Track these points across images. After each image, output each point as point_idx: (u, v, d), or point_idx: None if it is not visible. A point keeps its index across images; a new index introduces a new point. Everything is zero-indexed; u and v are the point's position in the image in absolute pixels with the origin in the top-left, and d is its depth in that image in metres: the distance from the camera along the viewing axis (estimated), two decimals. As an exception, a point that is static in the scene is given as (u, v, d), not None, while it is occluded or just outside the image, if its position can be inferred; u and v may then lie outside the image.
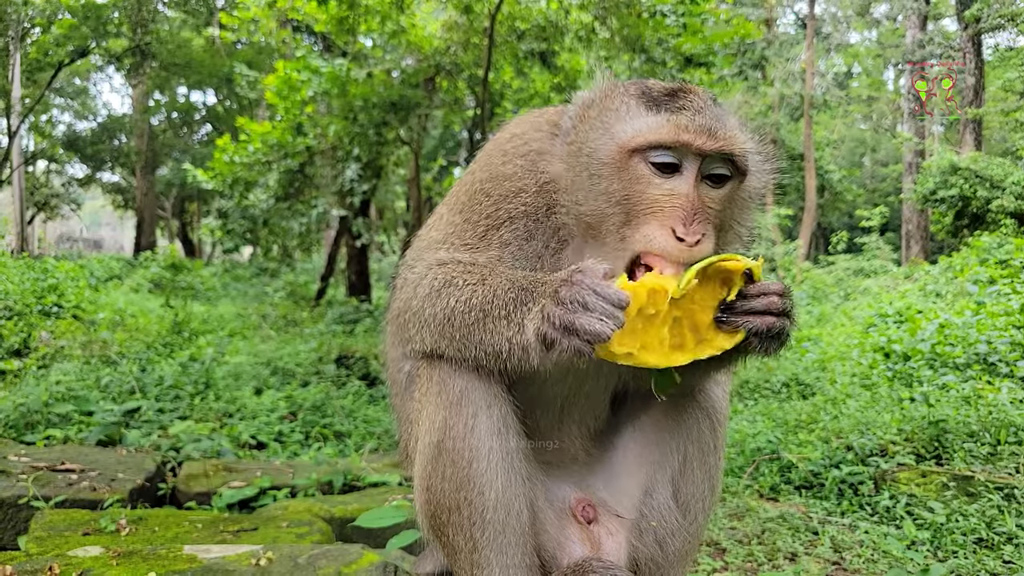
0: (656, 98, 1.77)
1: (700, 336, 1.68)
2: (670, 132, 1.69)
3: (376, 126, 13.91)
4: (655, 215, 1.70)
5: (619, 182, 1.73)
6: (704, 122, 1.71)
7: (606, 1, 12.47)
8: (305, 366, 10.07)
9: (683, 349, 1.66)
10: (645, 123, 1.73)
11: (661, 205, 1.70)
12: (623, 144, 1.73)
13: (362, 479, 4.88)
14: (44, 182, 35.15)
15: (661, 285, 1.61)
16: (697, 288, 1.65)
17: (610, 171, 1.74)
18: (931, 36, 25.81)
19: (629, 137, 1.73)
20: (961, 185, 17.70)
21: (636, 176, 1.72)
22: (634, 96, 1.80)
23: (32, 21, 21.71)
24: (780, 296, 1.71)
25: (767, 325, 1.69)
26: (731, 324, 1.69)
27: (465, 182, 2.09)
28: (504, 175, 1.96)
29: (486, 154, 2.10)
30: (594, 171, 1.77)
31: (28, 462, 4.44)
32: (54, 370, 8.05)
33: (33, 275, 13.77)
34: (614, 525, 2.04)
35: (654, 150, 1.71)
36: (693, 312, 1.67)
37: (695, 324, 1.68)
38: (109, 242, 55.68)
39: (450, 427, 1.80)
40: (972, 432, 5.03)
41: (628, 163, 1.73)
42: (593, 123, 1.82)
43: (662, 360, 1.64)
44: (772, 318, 1.69)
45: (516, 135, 2.06)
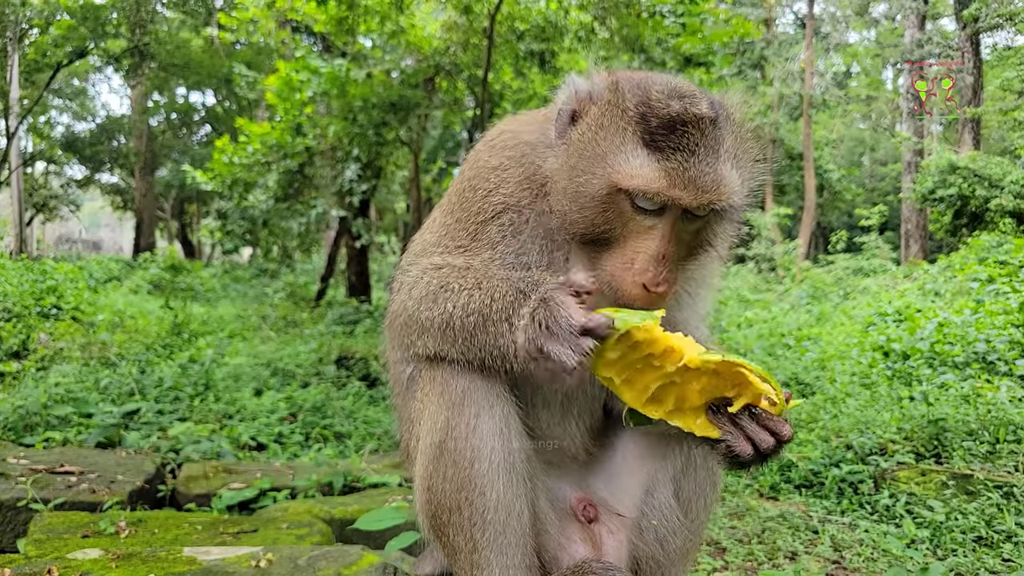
0: (654, 133, 1.69)
1: (680, 407, 1.64)
2: (660, 185, 1.66)
3: (375, 126, 13.91)
4: (627, 257, 1.72)
5: (602, 212, 1.73)
6: (694, 174, 1.67)
7: (605, 1, 12.47)
8: (305, 367, 10.06)
9: (658, 405, 1.63)
10: (639, 165, 1.68)
11: (636, 245, 1.72)
12: (613, 181, 1.70)
13: (362, 480, 4.88)
14: (43, 183, 35.13)
15: (681, 348, 1.58)
16: (710, 375, 1.61)
17: (596, 200, 1.73)
18: (929, 35, 25.82)
19: (621, 176, 1.69)
20: (960, 184, 17.71)
21: (619, 209, 1.73)
22: (634, 121, 1.72)
23: (30, 22, 21.71)
24: (777, 441, 1.64)
25: (744, 452, 1.62)
26: (715, 423, 1.63)
27: (455, 182, 2.11)
28: (489, 167, 1.97)
29: (475, 152, 2.10)
30: (581, 193, 1.75)
31: (27, 464, 4.44)
32: (53, 372, 8.04)
33: (32, 277, 13.76)
34: (615, 524, 2.04)
35: (640, 197, 1.70)
36: (689, 389, 1.62)
37: (683, 396, 1.63)
38: (108, 243, 55.67)
39: (452, 427, 1.80)
40: (971, 431, 5.03)
41: (615, 198, 1.72)
42: (588, 139, 1.78)
43: (634, 402, 1.63)
44: (751, 450, 1.62)
45: (505, 131, 2.06)
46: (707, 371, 1.60)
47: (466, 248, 1.93)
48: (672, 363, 1.59)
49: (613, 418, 2.14)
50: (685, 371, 1.60)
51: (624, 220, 1.73)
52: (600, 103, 1.81)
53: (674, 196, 1.67)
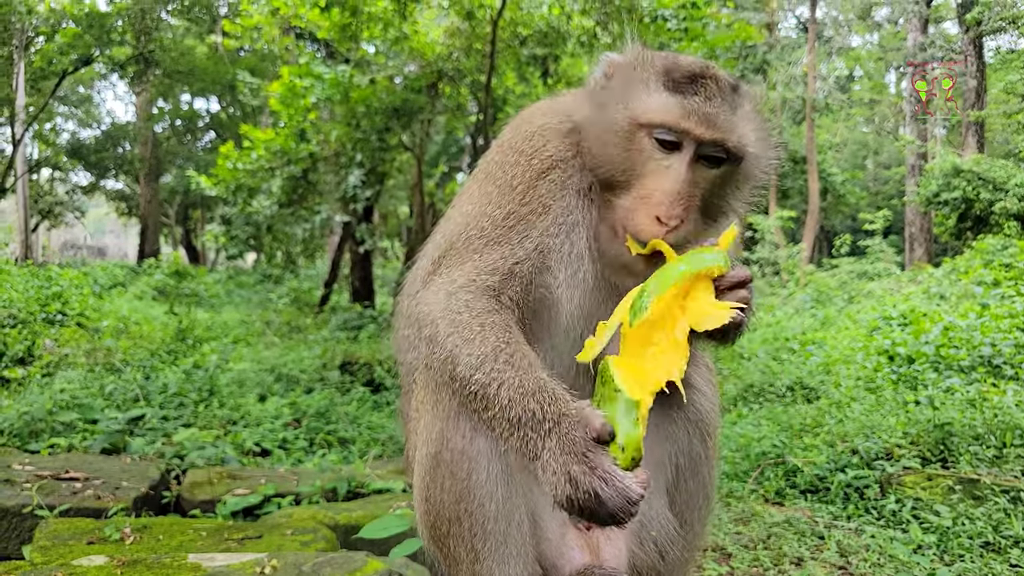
0: (676, 80, 1.84)
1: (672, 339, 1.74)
2: (675, 116, 1.79)
3: (379, 132, 13.95)
4: (645, 193, 1.81)
5: (625, 151, 1.83)
6: (709, 111, 1.80)
7: (608, 6, 12.50)
8: (309, 372, 10.07)
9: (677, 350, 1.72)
10: (657, 102, 1.82)
11: (655, 182, 1.80)
12: (633, 117, 1.82)
13: (366, 486, 4.87)
14: (48, 190, 35.27)
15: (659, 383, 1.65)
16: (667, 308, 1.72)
17: (619, 139, 1.84)
18: (932, 39, 25.81)
19: (640, 112, 1.82)
20: (964, 187, 17.67)
21: (640, 148, 1.82)
22: (658, 71, 1.87)
23: (36, 30, 21.84)
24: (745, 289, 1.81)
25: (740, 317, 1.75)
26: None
27: (492, 156, 2.11)
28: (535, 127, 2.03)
29: (512, 126, 2.16)
30: (607, 135, 1.86)
31: (32, 471, 4.45)
32: (58, 378, 8.06)
33: (37, 283, 13.80)
34: (613, 531, 2.04)
35: (658, 128, 1.80)
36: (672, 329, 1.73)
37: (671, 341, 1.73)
38: (113, 249, 55.84)
39: (447, 439, 1.79)
40: (978, 435, 5.01)
41: (635, 135, 1.82)
42: (615, 89, 1.90)
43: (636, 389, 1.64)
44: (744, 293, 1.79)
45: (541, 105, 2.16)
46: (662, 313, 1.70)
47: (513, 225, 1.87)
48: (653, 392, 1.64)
49: None
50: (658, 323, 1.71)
51: (644, 158, 1.82)
52: (628, 65, 1.94)
53: (687, 127, 1.79)
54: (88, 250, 49.38)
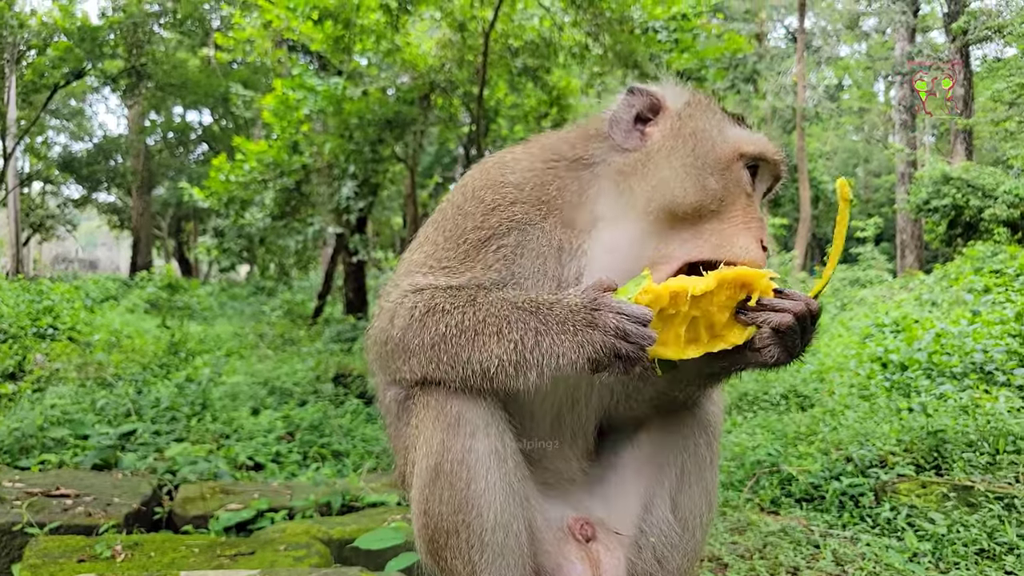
0: (739, 119, 2.01)
1: (714, 333, 1.75)
2: (771, 148, 1.96)
3: (372, 143, 13.97)
4: (740, 224, 1.85)
5: (721, 179, 1.87)
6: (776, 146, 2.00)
7: (599, 18, 12.58)
8: (303, 385, 10.02)
9: (697, 343, 1.74)
10: (752, 136, 1.95)
11: (744, 215, 1.86)
12: (736, 147, 1.90)
13: (361, 499, 4.85)
14: (40, 203, 35.19)
15: (683, 287, 1.69)
16: (717, 290, 1.72)
17: (718, 167, 1.88)
18: (920, 48, 26.07)
19: (741, 142, 1.91)
20: (954, 195, 17.81)
21: (735, 178, 1.89)
22: (720, 111, 2.00)
23: (28, 43, 21.84)
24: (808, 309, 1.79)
25: (783, 323, 1.74)
26: (748, 319, 1.75)
27: (453, 197, 2.07)
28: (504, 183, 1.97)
29: (481, 168, 2.10)
30: (702, 163, 1.88)
31: (23, 487, 4.41)
32: (49, 393, 8.00)
33: (28, 297, 13.74)
34: (612, 542, 2.04)
35: (758, 160, 1.93)
36: (711, 313, 1.73)
37: (711, 323, 1.74)
38: (105, 262, 55.63)
39: (447, 449, 1.79)
40: (971, 442, 5.02)
41: (734, 165, 1.89)
42: (698, 122, 1.94)
43: (676, 353, 1.72)
44: (789, 318, 1.75)
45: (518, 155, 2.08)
46: (714, 291, 1.70)
47: (452, 269, 1.90)
48: (683, 303, 1.69)
49: (608, 438, 2.14)
50: (698, 301, 1.70)
51: (734, 189, 1.88)
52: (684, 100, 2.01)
53: (778, 160, 1.99)
54: (80, 263, 49.21)
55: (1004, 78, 17.66)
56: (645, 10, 12.63)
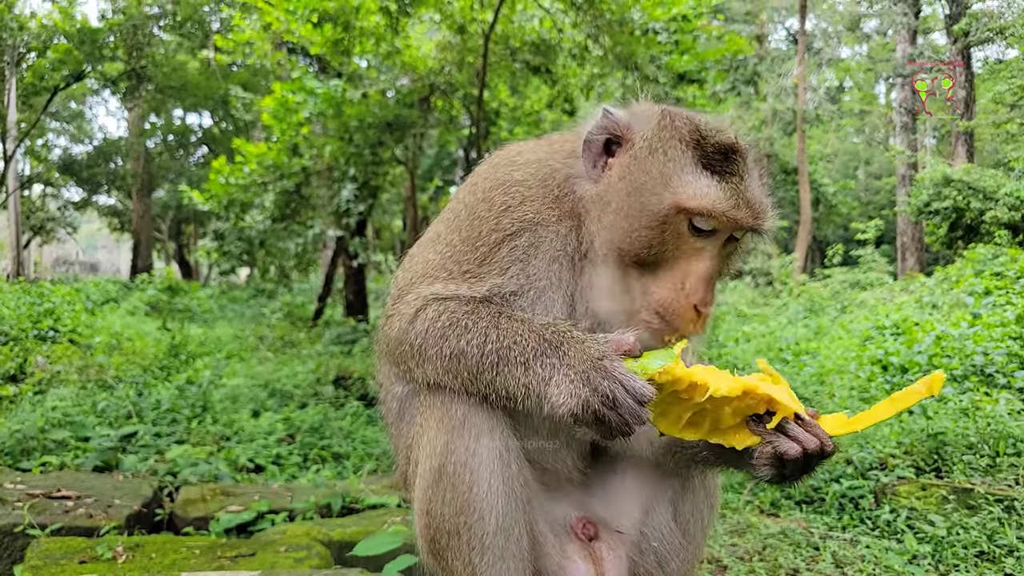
0: (711, 157, 1.76)
1: (717, 427, 1.69)
2: (725, 205, 1.72)
3: (372, 146, 13.98)
4: (677, 279, 1.73)
5: (659, 233, 1.74)
6: (750, 197, 1.76)
7: (599, 19, 12.59)
8: (303, 387, 10.02)
9: (696, 429, 1.68)
10: (702, 186, 1.73)
11: (687, 267, 1.74)
12: (676, 202, 1.72)
13: (361, 501, 4.85)
14: (40, 206, 35.21)
15: (707, 383, 1.61)
16: (740, 397, 1.65)
17: (655, 220, 1.74)
18: (921, 50, 26.08)
19: (684, 196, 1.72)
20: (955, 197, 17.81)
21: (676, 231, 1.74)
22: (689, 146, 1.77)
23: (28, 45, 21.87)
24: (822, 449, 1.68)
25: (789, 453, 1.65)
26: (757, 431, 1.67)
27: (464, 195, 2.04)
28: (512, 181, 1.94)
29: (490, 165, 2.07)
30: (639, 213, 1.76)
31: (24, 489, 4.41)
32: (50, 395, 8.00)
33: (29, 299, 13.75)
34: (615, 541, 2.05)
35: (701, 216, 1.73)
36: (722, 413, 1.66)
37: (717, 419, 1.68)
38: (105, 265, 55.66)
39: (451, 451, 1.80)
40: (971, 444, 5.02)
41: (675, 218, 1.73)
42: (646, 163, 1.79)
43: (671, 431, 1.67)
44: (798, 448, 1.65)
45: (525, 150, 2.06)
46: (734, 398, 1.63)
47: (472, 274, 1.88)
48: (700, 395, 1.62)
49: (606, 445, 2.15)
50: (715, 401, 1.63)
51: (677, 242, 1.74)
52: (647, 130, 1.83)
53: (736, 217, 1.73)
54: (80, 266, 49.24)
55: (1005, 80, 17.68)
56: (645, 11, 12.64)
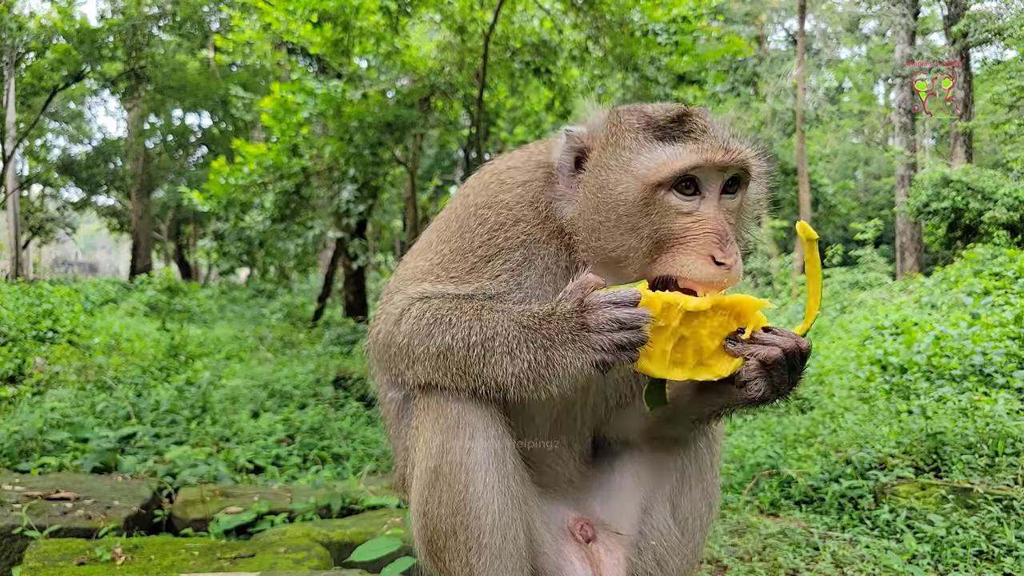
0: (664, 127, 1.78)
1: (701, 359, 1.70)
2: (690, 158, 1.72)
3: (371, 146, 13.98)
4: (689, 243, 1.73)
5: (646, 217, 1.75)
6: (717, 139, 1.76)
7: (599, 20, 12.60)
8: (303, 388, 10.02)
9: (682, 366, 1.69)
10: (663, 155, 1.74)
11: (693, 232, 1.73)
12: (646, 180, 1.73)
13: (361, 502, 4.85)
14: (39, 206, 35.21)
15: (676, 299, 1.66)
16: (710, 314, 1.68)
17: (636, 208, 1.75)
18: (920, 51, 26.11)
19: (651, 171, 1.73)
20: (953, 197, 17.83)
21: (663, 208, 1.74)
22: (641, 129, 1.79)
23: (27, 46, 21.86)
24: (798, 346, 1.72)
25: (771, 356, 1.68)
26: (736, 349, 1.70)
27: (456, 208, 2.06)
28: (502, 202, 1.95)
29: (480, 182, 2.08)
30: (618, 210, 1.77)
31: (22, 491, 4.41)
32: (49, 396, 8.00)
33: (28, 300, 13.74)
34: (612, 542, 2.04)
35: (677, 178, 1.73)
36: (700, 337, 1.69)
37: (699, 347, 1.70)
38: (104, 265, 55.66)
39: (447, 451, 1.80)
40: (970, 444, 5.02)
41: (653, 197, 1.74)
42: (606, 162, 1.81)
43: (659, 370, 1.68)
44: (777, 351, 1.69)
45: (512, 167, 2.06)
46: (708, 313, 1.67)
47: (460, 279, 1.90)
48: (675, 316, 1.65)
49: (605, 443, 2.14)
50: (690, 320, 1.66)
51: (670, 217, 1.74)
52: (602, 132, 1.85)
53: (706, 159, 1.72)
54: (79, 266, 49.23)
55: (1004, 81, 17.69)
56: (645, 12, 12.65)
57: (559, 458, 2.06)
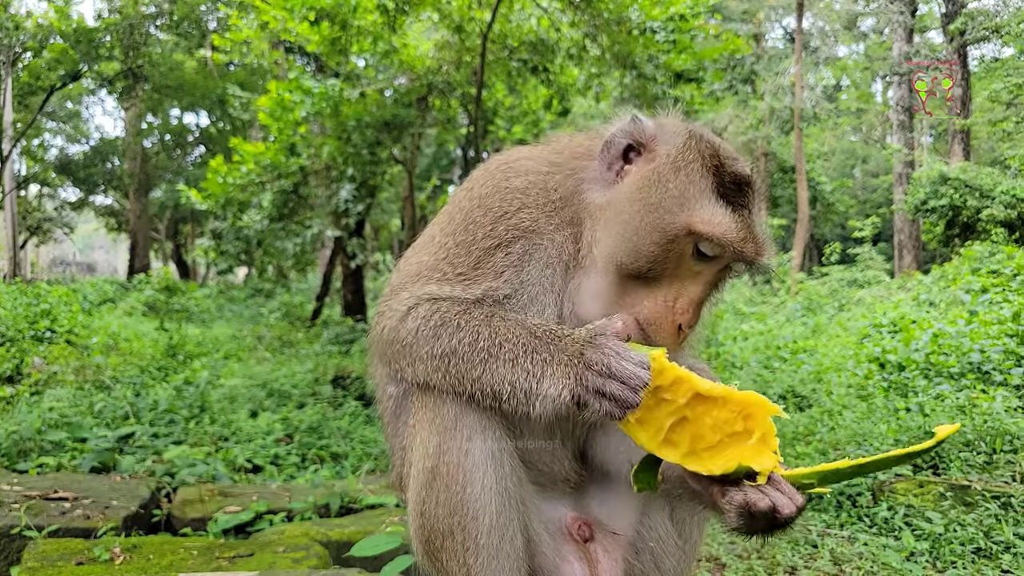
0: (727, 186, 1.79)
1: (694, 449, 1.62)
2: (735, 236, 1.75)
3: (370, 145, 13.97)
4: (670, 297, 1.76)
5: (664, 250, 1.75)
6: (758, 232, 1.80)
7: (596, 19, 12.60)
8: (301, 387, 10.02)
9: (674, 448, 1.61)
10: (717, 214, 1.75)
11: (681, 287, 1.77)
12: (690, 224, 1.74)
13: (359, 501, 4.85)
14: (36, 206, 35.16)
15: (689, 377, 1.60)
16: (719, 404, 1.60)
17: (663, 237, 1.75)
18: (917, 48, 26.12)
19: (700, 221, 1.74)
20: (951, 195, 17.87)
21: (680, 252, 1.76)
22: (709, 171, 1.79)
23: (23, 45, 21.82)
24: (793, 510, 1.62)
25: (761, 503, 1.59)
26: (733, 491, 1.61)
27: (460, 200, 2.03)
28: (510, 188, 1.94)
29: (487, 171, 2.05)
30: (648, 226, 1.77)
31: (21, 491, 4.40)
32: (47, 396, 7.98)
33: (26, 300, 13.71)
34: (610, 542, 2.04)
35: (709, 242, 1.75)
36: (702, 424, 1.61)
37: (698, 435, 1.61)
38: (103, 265, 55.61)
39: (444, 452, 1.79)
40: (968, 441, 5.03)
41: (683, 239, 1.75)
42: (664, 175, 1.80)
43: (649, 443, 1.60)
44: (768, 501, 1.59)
45: (524, 157, 2.04)
46: (718, 403, 1.59)
47: (467, 276, 1.88)
48: (682, 394, 1.59)
49: (601, 442, 2.14)
50: (697, 404, 1.59)
51: (679, 262, 1.76)
52: (670, 146, 1.84)
53: (743, 249, 1.77)
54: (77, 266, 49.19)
55: (1001, 78, 17.71)
56: (643, 11, 12.65)
57: (556, 458, 2.06)
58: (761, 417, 1.60)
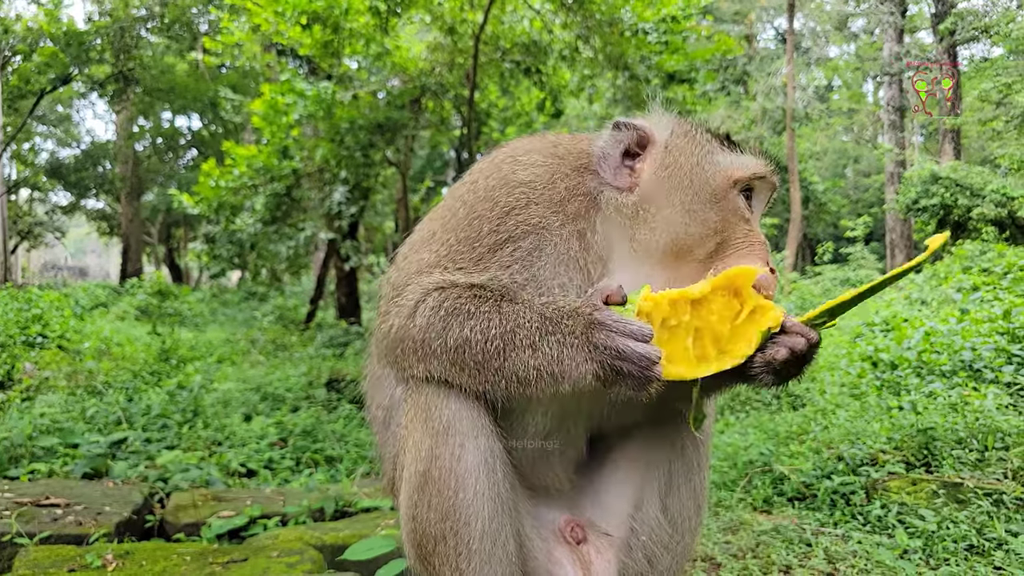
0: (726, 140, 1.98)
1: (720, 347, 1.73)
2: (766, 167, 1.94)
3: (363, 148, 13.94)
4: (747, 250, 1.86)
5: (718, 212, 1.86)
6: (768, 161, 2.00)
7: (588, 20, 12.61)
8: (295, 391, 9.99)
9: (707, 361, 1.71)
10: (740, 160, 1.92)
11: (748, 240, 1.87)
12: (730, 176, 1.88)
13: (354, 504, 4.83)
14: (27, 210, 34.97)
15: (679, 294, 1.70)
16: (712, 297, 1.72)
17: (712, 199, 1.87)
18: (908, 48, 26.27)
19: (735, 171, 1.89)
20: (942, 194, 17.96)
21: (731, 208, 1.88)
22: (711, 136, 1.97)
23: (13, 49, 21.71)
24: (807, 345, 1.77)
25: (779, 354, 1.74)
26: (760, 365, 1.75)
27: (462, 195, 1.99)
28: (517, 182, 1.91)
29: (492, 164, 2.02)
30: (693, 198, 1.86)
31: (12, 497, 4.38)
32: (38, 402, 7.94)
33: (17, 305, 13.64)
34: (603, 544, 2.04)
35: (752, 181, 1.92)
36: (712, 324, 1.72)
37: (715, 335, 1.72)
38: (95, 269, 55.34)
39: (436, 456, 1.78)
40: (960, 439, 5.05)
41: (727, 194, 1.87)
42: (679, 157, 1.91)
43: (690, 370, 1.68)
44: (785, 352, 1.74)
45: (531, 150, 2.03)
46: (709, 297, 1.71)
47: (468, 270, 1.85)
48: (684, 310, 1.69)
49: (598, 441, 2.14)
50: (698, 309, 1.70)
51: (737, 219, 1.88)
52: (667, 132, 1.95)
53: (770, 177, 1.97)
54: (69, 271, 48.92)
55: (991, 78, 17.82)
56: (635, 12, 12.67)
57: (550, 462, 2.06)
58: (745, 285, 1.74)
